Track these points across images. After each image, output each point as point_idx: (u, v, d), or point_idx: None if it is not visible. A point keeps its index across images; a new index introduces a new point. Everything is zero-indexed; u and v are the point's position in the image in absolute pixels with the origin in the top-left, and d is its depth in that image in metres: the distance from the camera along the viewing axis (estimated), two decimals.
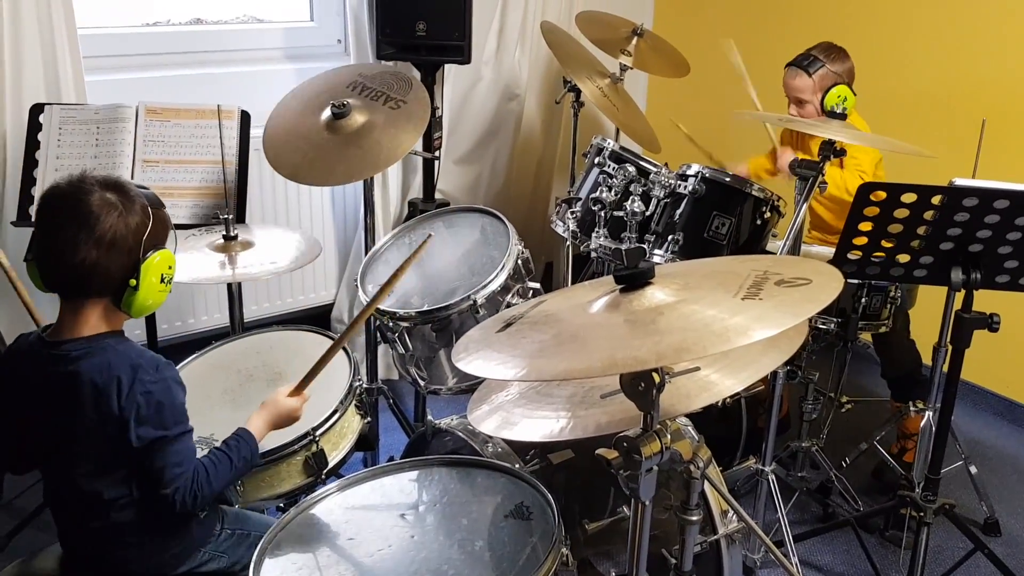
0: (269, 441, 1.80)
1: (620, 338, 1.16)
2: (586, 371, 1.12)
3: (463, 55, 3.07)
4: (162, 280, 1.50)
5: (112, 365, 1.46)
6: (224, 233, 2.29)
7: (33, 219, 1.57)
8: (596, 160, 2.75)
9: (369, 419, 2.06)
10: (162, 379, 1.49)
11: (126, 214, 1.46)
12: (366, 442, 2.05)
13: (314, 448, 1.86)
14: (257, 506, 1.87)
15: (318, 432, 1.87)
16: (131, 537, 1.55)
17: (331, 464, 1.89)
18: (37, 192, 2.42)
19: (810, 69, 2.75)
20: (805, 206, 2.16)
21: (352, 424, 1.99)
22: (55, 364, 1.49)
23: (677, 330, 1.12)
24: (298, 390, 1.74)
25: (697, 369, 1.36)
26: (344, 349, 2.12)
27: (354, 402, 2.00)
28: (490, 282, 2.06)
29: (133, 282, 1.46)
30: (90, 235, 1.44)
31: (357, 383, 2.02)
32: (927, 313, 2.86)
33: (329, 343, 2.18)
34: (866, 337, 2.88)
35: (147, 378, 1.47)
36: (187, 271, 2.14)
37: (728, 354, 1.40)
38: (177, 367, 2.06)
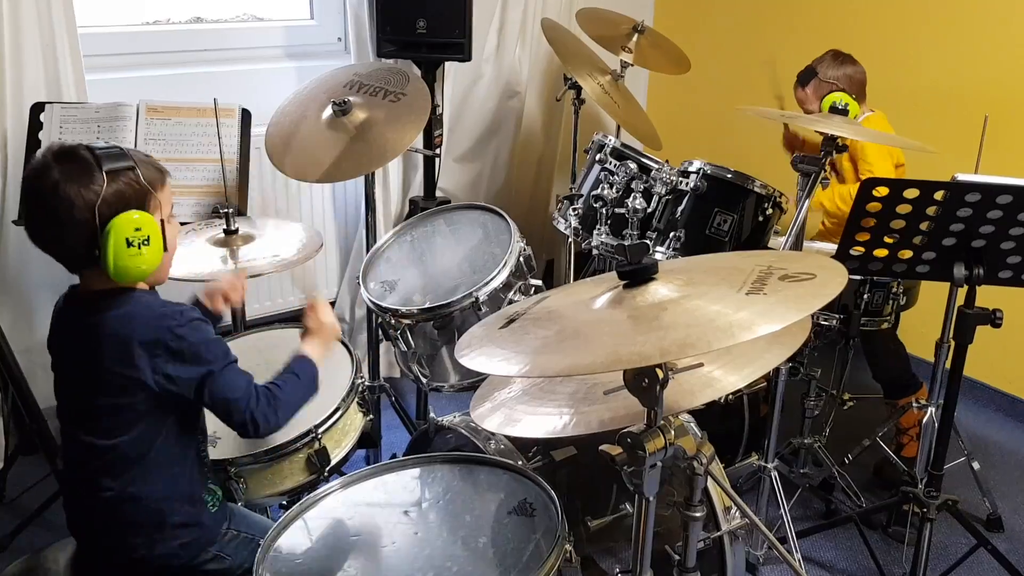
0: (271, 439, 1.80)
1: (624, 334, 1.16)
2: (589, 367, 1.11)
3: (463, 52, 3.07)
4: (129, 244, 1.43)
5: (135, 315, 1.48)
6: (225, 227, 2.28)
7: None
8: (597, 157, 2.74)
9: (371, 416, 2.06)
10: (188, 321, 1.50)
11: (76, 186, 1.42)
12: (369, 439, 2.05)
13: (316, 446, 1.86)
14: (260, 503, 1.87)
15: (320, 430, 1.87)
16: (137, 519, 1.55)
17: (333, 462, 1.90)
18: None
19: (802, 80, 2.88)
20: (807, 202, 2.16)
21: (354, 421, 2.00)
22: (81, 315, 1.52)
23: (681, 326, 1.12)
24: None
25: (700, 365, 1.36)
26: (346, 346, 2.12)
27: (356, 400, 2.01)
28: (492, 279, 2.06)
29: (98, 252, 1.44)
30: (43, 216, 1.46)
31: (359, 380, 2.02)
32: (930, 309, 2.87)
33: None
34: None
35: (174, 323, 1.48)
36: (188, 266, 2.14)
37: (731, 350, 1.40)
38: None
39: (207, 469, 1.67)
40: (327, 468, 1.88)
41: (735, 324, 1.08)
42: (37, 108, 2.47)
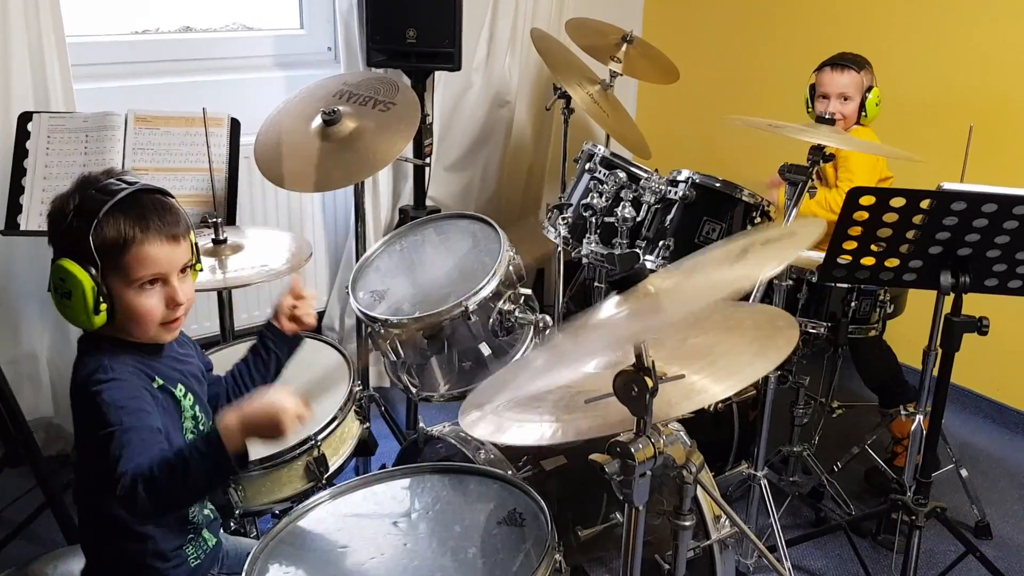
0: (270, 446, 1.79)
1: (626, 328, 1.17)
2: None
3: (453, 62, 3.07)
4: (56, 289, 1.39)
5: (76, 367, 1.44)
6: (213, 237, 2.27)
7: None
8: (587, 166, 2.75)
9: (368, 424, 2.07)
10: (111, 379, 1.40)
11: (56, 210, 1.42)
12: (366, 447, 2.05)
13: (315, 453, 1.86)
14: (258, 511, 1.87)
15: (319, 437, 1.87)
16: (115, 563, 1.53)
17: (332, 469, 1.90)
18: (25, 201, 2.41)
19: (858, 67, 2.79)
20: (795, 211, 2.16)
21: (352, 429, 2.01)
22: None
23: (687, 296, 1.15)
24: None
25: (682, 376, 1.35)
26: (343, 354, 2.12)
27: (354, 407, 2.01)
28: (481, 288, 2.05)
29: None
30: None
31: (357, 388, 2.03)
32: (917, 317, 2.88)
33: (329, 348, 2.18)
34: None
35: (96, 380, 1.39)
36: None
37: (715, 361, 1.39)
38: None
39: (193, 523, 1.58)
40: (326, 475, 1.88)
41: (733, 280, 1.11)
42: (25, 117, 2.46)
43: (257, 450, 1.77)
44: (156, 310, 1.45)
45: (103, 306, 1.40)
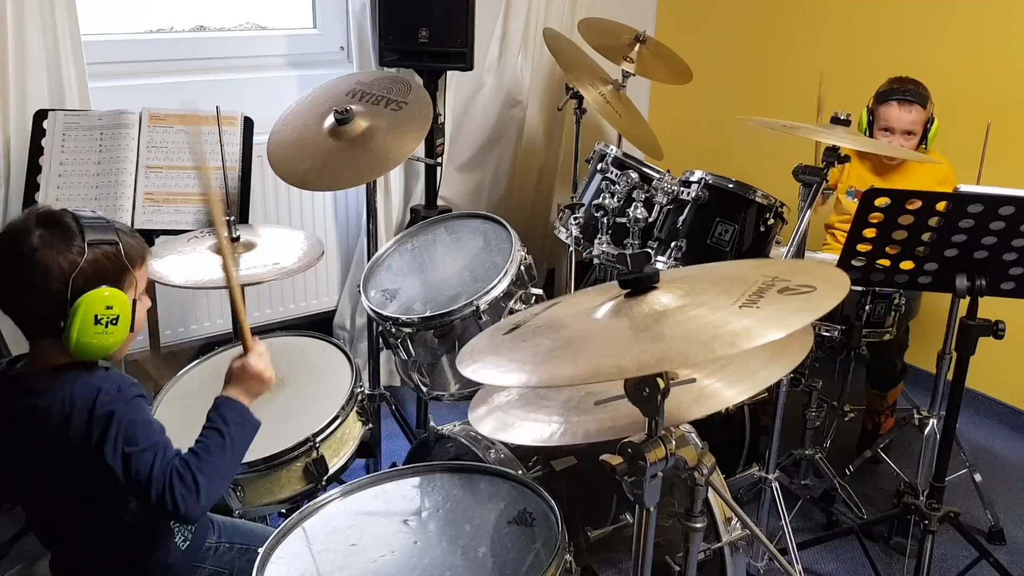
0: (269, 447, 1.80)
1: (621, 344, 1.15)
2: (589, 376, 1.11)
3: (465, 62, 3.07)
4: (97, 321, 1.36)
5: (74, 396, 1.40)
6: (226, 235, 2.27)
7: None
8: (599, 166, 2.75)
9: (371, 426, 2.06)
10: (122, 399, 1.41)
11: (54, 254, 1.36)
12: (367, 449, 2.05)
13: (314, 455, 1.86)
14: (258, 512, 1.87)
15: (319, 439, 1.87)
16: (114, 559, 1.54)
17: (331, 471, 1.90)
18: (40, 198, 2.43)
19: (924, 102, 2.77)
20: (809, 212, 2.15)
21: (353, 431, 2.00)
22: (14, 397, 1.44)
23: (671, 338, 1.11)
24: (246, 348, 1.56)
25: (693, 380, 1.34)
26: (346, 355, 2.12)
27: (355, 409, 2.00)
28: (493, 288, 2.05)
29: (62, 323, 1.36)
30: (14, 279, 1.39)
31: (359, 389, 2.02)
32: (932, 320, 2.86)
33: (332, 349, 2.19)
34: None
35: (107, 399, 1.39)
36: (188, 275, 2.14)
37: (733, 362, 1.39)
38: (180, 372, 2.06)
39: None
40: (325, 477, 1.88)
41: (717, 338, 1.07)
42: (40, 115, 2.48)
43: (254, 450, 1.79)
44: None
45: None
